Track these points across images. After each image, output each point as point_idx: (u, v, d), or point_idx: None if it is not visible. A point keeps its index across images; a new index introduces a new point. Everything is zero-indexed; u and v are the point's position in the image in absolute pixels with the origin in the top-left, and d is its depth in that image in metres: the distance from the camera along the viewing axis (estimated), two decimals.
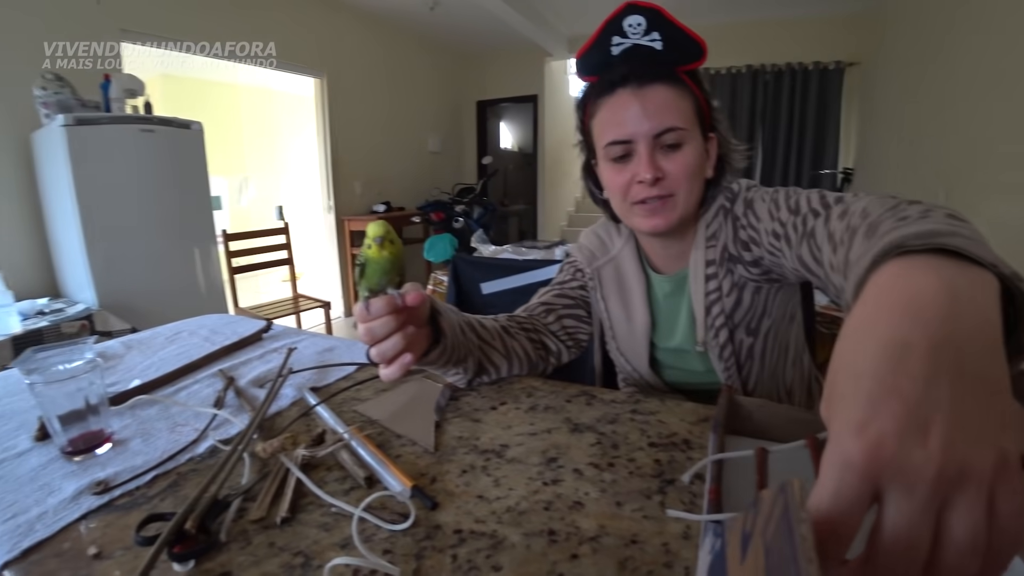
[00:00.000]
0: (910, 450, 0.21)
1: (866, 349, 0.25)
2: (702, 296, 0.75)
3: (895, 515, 0.21)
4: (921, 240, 0.32)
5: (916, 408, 0.22)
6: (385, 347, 0.56)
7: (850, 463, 0.22)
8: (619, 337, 0.85)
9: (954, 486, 0.21)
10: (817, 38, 4.67)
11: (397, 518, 0.47)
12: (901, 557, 0.21)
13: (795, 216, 0.62)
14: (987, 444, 0.21)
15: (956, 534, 0.21)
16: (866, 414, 0.23)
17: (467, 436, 0.61)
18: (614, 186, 0.73)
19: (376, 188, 4.63)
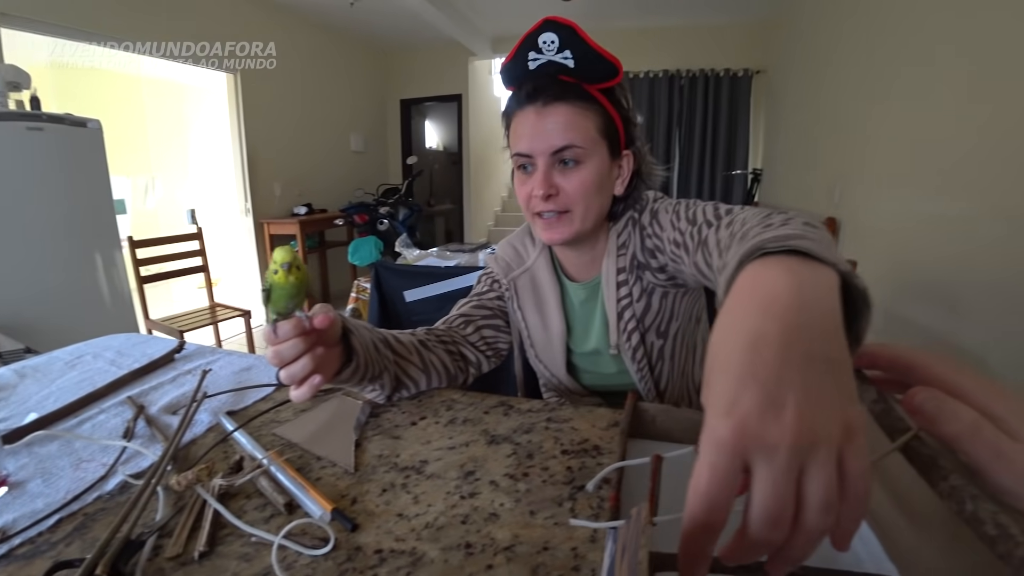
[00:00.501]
0: (768, 425, 0.25)
1: (730, 342, 0.29)
2: (614, 302, 0.80)
3: (762, 483, 0.25)
4: (777, 243, 0.37)
5: (772, 389, 0.26)
6: (294, 369, 0.57)
7: (720, 442, 0.25)
8: (537, 345, 0.88)
9: (808, 452, 0.25)
10: (729, 46, 4.96)
11: (318, 543, 0.48)
12: (771, 521, 0.25)
13: (692, 226, 0.68)
14: (834, 414, 0.26)
15: (812, 496, 0.25)
16: (731, 399, 0.26)
17: (387, 454, 0.63)
18: (519, 196, 0.78)
19: (296, 189, 4.48)
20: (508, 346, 0.92)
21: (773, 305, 0.30)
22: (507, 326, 0.91)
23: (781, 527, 0.25)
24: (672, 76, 5.11)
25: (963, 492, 0.26)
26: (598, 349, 0.85)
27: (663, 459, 0.43)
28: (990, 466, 0.28)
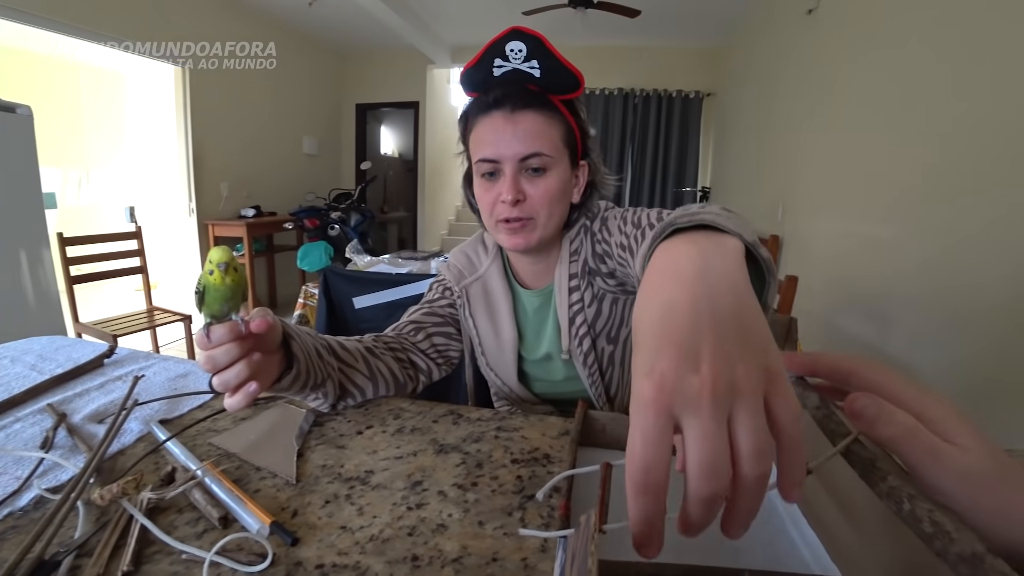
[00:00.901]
0: (686, 378, 0.26)
1: (646, 314, 0.31)
2: (566, 307, 0.81)
3: (692, 436, 0.25)
4: (687, 219, 0.40)
5: (686, 348, 0.27)
6: (228, 376, 0.54)
7: (644, 402, 0.26)
8: (488, 353, 0.88)
9: (730, 399, 0.26)
10: (682, 68, 5.15)
11: (255, 559, 0.46)
12: (708, 472, 0.25)
13: (637, 229, 0.71)
14: (750, 363, 0.27)
15: (743, 442, 0.25)
16: (650, 362, 0.27)
17: (331, 464, 0.60)
18: (483, 201, 0.78)
19: (244, 191, 4.33)
20: (459, 354, 0.91)
21: (681, 276, 0.32)
22: (458, 334, 0.90)
23: (719, 477, 0.25)
24: (627, 94, 5.25)
25: (901, 492, 0.27)
26: (550, 354, 0.85)
27: (612, 467, 0.43)
28: (926, 467, 0.30)
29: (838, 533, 0.46)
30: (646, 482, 0.25)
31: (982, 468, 0.29)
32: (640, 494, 0.26)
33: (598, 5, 3.66)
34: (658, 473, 0.25)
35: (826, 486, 0.49)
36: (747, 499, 0.26)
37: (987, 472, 0.29)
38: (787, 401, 0.27)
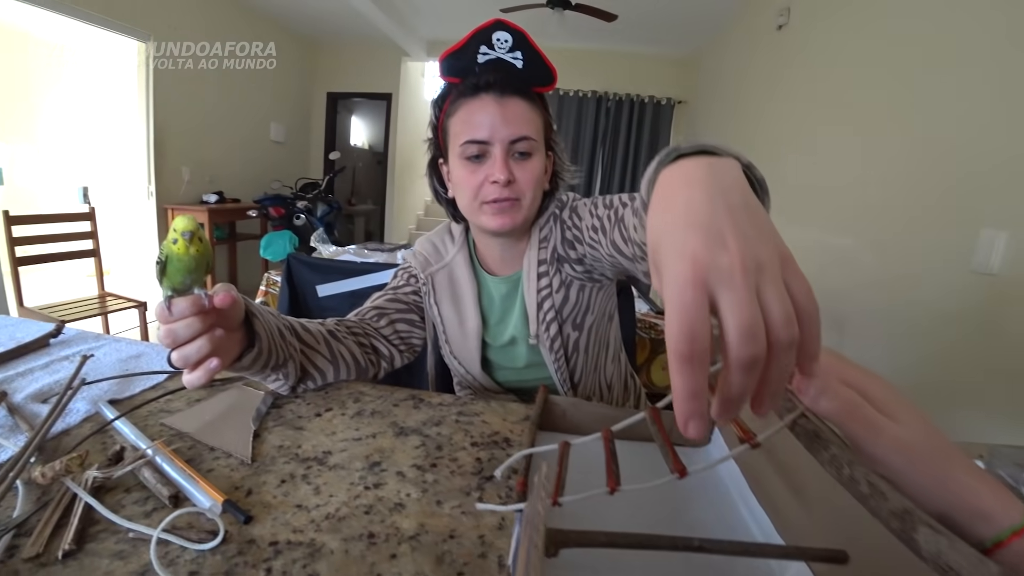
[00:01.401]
0: (717, 255, 0.28)
1: (667, 219, 0.32)
2: (534, 292, 0.82)
3: (729, 304, 0.27)
4: (688, 146, 0.42)
5: (711, 230, 0.29)
6: (188, 351, 0.53)
7: (682, 278, 0.27)
8: (452, 340, 0.88)
9: (757, 273, 0.27)
10: (655, 75, 5.24)
11: (206, 536, 0.45)
12: (748, 335, 0.26)
13: (609, 209, 0.72)
14: (767, 245, 0.29)
15: (773, 310, 0.27)
16: (680, 247, 0.29)
17: (288, 445, 0.60)
18: (467, 184, 0.77)
19: (207, 176, 4.20)
20: (422, 342, 0.91)
21: (692, 180, 0.34)
22: (421, 321, 0.90)
23: (758, 339, 0.26)
24: (600, 97, 5.31)
25: (841, 459, 0.28)
26: (515, 338, 0.86)
27: (571, 445, 0.43)
28: (866, 439, 0.32)
29: (783, 506, 0.48)
30: (692, 351, 0.26)
31: (918, 442, 0.31)
32: (686, 364, 0.26)
33: (576, 7, 3.68)
34: (703, 341, 0.26)
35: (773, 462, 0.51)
36: (779, 366, 0.27)
37: (922, 445, 0.31)
38: (801, 279, 0.29)
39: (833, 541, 0.38)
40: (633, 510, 0.51)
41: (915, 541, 0.23)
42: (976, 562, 0.20)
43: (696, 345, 0.26)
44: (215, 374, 0.55)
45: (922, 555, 0.23)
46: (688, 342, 0.26)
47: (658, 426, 0.39)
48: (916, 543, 0.23)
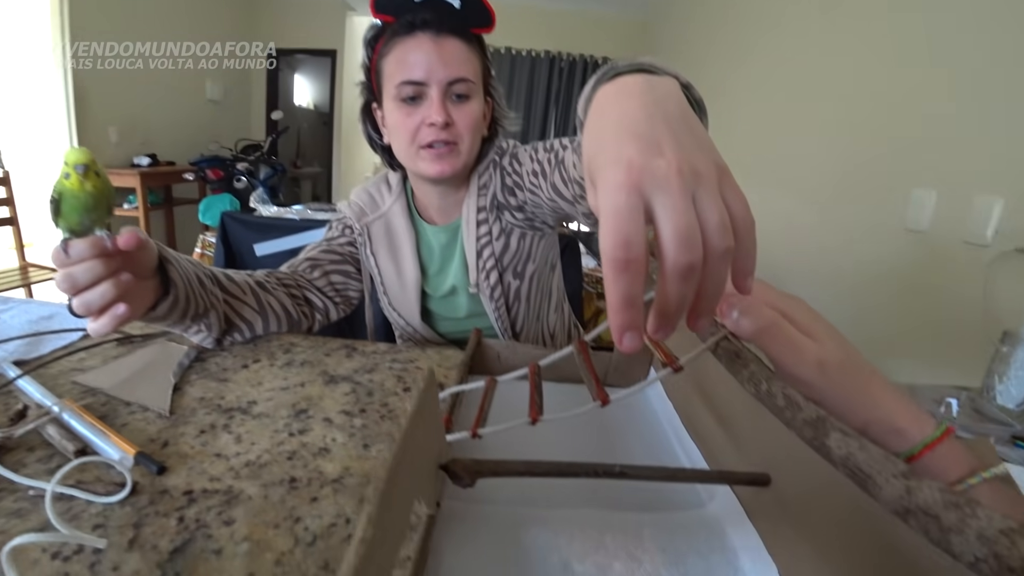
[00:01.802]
0: (653, 160, 0.26)
1: (602, 131, 0.31)
2: (474, 240, 0.80)
3: (665, 210, 0.26)
4: (626, 64, 0.41)
5: (647, 138, 0.28)
6: (90, 297, 0.49)
7: (615, 185, 0.26)
8: (390, 292, 0.86)
9: (694, 180, 0.27)
10: (609, 36, 5.16)
11: (115, 489, 0.42)
12: (684, 242, 0.25)
13: (549, 153, 0.71)
14: (705, 154, 0.28)
15: (709, 218, 0.26)
16: (615, 155, 0.28)
17: (210, 396, 0.57)
18: (403, 128, 0.74)
19: (137, 136, 3.93)
20: (359, 294, 0.88)
21: (629, 92, 0.33)
22: (358, 273, 0.87)
23: (695, 245, 0.26)
24: (554, 57, 5.21)
25: (759, 375, 0.28)
26: (455, 287, 0.85)
27: (497, 381, 0.42)
28: (787, 358, 0.32)
29: (715, 441, 0.49)
30: (627, 258, 0.25)
31: (836, 359, 0.32)
32: (621, 272, 0.25)
33: None
34: (637, 247, 0.25)
35: (704, 397, 0.51)
36: (714, 277, 0.27)
37: (840, 363, 0.32)
38: (737, 192, 0.28)
39: (758, 468, 0.39)
40: (562, 449, 0.51)
41: (827, 447, 0.23)
42: (883, 460, 0.20)
43: (631, 252, 0.25)
44: (123, 322, 0.51)
45: (833, 459, 0.23)
46: (623, 248, 0.25)
47: (584, 356, 0.39)
48: (828, 448, 0.23)
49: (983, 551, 0.15)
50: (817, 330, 0.33)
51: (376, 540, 0.15)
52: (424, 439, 0.23)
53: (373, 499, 0.15)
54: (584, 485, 0.46)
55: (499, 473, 0.33)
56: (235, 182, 3.75)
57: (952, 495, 0.17)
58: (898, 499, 0.19)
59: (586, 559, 0.37)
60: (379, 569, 0.15)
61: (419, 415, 0.21)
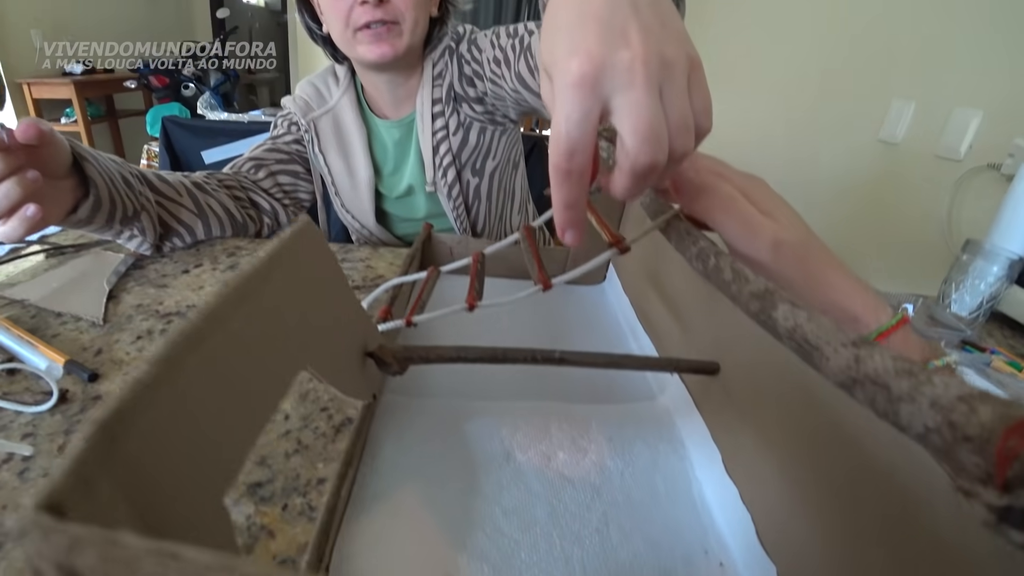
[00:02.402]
0: (616, 51, 0.24)
1: (561, 16, 0.27)
2: (430, 135, 0.75)
3: (629, 106, 0.24)
4: None
5: (610, 24, 0.24)
6: None
7: (570, 82, 0.24)
8: (342, 193, 0.81)
9: (661, 71, 0.24)
10: None
11: (43, 398, 0.40)
12: (652, 143, 0.24)
13: (513, 39, 0.65)
14: (676, 43, 0.25)
15: (674, 116, 0.24)
16: (573, 44, 0.24)
17: (148, 303, 0.54)
18: (336, 11, 0.66)
19: (66, 41, 3.57)
20: (310, 197, 0.83)
21: None
22: (307, 173, 0.82)
23: (660, 145, 0.24)
24: None
25: (708, 251, 0.27)
26: (412, 187, 0.80)
27: (440, 272, 0.40)
28: (742, 236, 0.30)
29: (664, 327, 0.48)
30: (569, 168, 0.24)
31: (793, 239, 0.30)
32: (564, 180, 0.25)
33: None
34: (583, 156, 0.24)
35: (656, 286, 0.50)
36: (667, 173, 0.26)
37: (797, 243, 0.30)
38: (705, 92, 0.26)
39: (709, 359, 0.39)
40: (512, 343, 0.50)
41: (773, 320, 0.22)
42: (832, 330, 0.18)
43: (574, 162, 0.24)
44: (37, 224, 0.47)
45: (779, 333, 0.21)
46: (567, 157, 0.24)
47: (528, 242, 0.37)
48: (774, 321, 0.22)
49: (936, 419, 0.14)
50: (776, 209, 0.31)
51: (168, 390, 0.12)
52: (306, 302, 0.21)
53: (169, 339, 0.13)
54: (532, 379, 0.45)
55: (430, 359, 0.32)
56: (183, 90, 3.48)
57: (906, 362, 0.16)
58: (845, 369, 0.17)
59: (529, 449, 0.37)
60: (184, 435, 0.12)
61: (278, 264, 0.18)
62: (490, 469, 0.35)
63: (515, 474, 0.35)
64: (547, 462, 0.36)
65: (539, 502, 0.34)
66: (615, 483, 0.36)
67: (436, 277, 0.40)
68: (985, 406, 0.12)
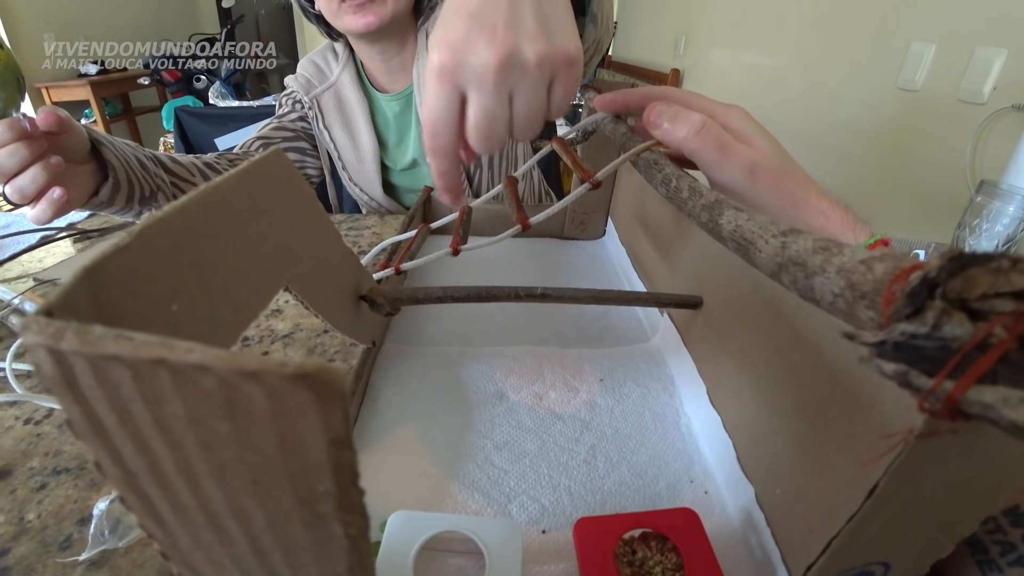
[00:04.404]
0: (475, 50, 0.26)
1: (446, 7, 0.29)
2: None
3: (473, 108, 0.27)
4: None
5: (480, 18, 0.26)
6: (22, 182, 0.47)
7: (432, 70, 0.27)
8: (349, 167, 0.83)
9: (513, 76, 0.26)
10: None
11: None
12: (484, 138, 0.28)
13: None
14: (542, 42, 0.26)
15: (519, 112, 0.28)
16: (441, 34, 0.27)
17: None
18: None
19: (78, 42, 3.61)
20: (317, 172, 0.85)
21: None
22: (313, 150, 0.83)
23: (493, 142, 0.28)
24: None
25: (671, 175, 0.28)
26: (416, 160, 0.81)
27: (430, 228, 0.42)
28: (717, 162, 0.30)
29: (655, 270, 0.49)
30: (434, 146, 0.29)
31: (768, 163, 0.30)
32: (432, 155, 0.29)
33: None
34: (445, 137, 0.28)
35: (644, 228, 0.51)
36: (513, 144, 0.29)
37: (772, 167, 0.30)
38: (569, 90, 0.28)
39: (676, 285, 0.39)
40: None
41: (719, 226, 0.22)
42: (767, 224, 0.19)
43: (438, 140, 0.28)
44: (63, 207, 0.50)
45: (723, 236, 0.22)
46: (431, 136, 0.28)
47: (509, 190, 0.38)
48: (720, 227, 0.22)
49: (840, 284, 0.15)
50: (753, 135, 0.32)
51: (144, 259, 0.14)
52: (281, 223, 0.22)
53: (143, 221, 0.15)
54: (527, 326, 0.46)
55: (419, 299, 0.33)
56: (195, 82, 3.53)
57: (823, 241, 0.17)
58: (774, 256, 0.18)
59: (522, 389, 0.39)
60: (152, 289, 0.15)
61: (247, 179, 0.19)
62: (483, 408, 0.37)
63: (507, 412, 0.37)
64: (539, 401, 0.38)
65: (529, 436, 0.35)
66: (604, 419, 0.37)
67: (426, 232, 0.41)
68: (881, 264, 0.13)
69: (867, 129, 1.53)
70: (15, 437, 0.37)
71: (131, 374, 0.09)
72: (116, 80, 3.59)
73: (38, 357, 0.10)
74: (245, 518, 0.11)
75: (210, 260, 0.17)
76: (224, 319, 0.17)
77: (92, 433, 0.11)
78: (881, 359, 0.12)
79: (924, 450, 0.16)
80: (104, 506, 0.29)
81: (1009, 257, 0.10)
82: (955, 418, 0.10)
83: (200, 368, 0.08)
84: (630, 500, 0.32)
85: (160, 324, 0.15)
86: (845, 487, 0.21)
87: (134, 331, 0.09)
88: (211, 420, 0.09)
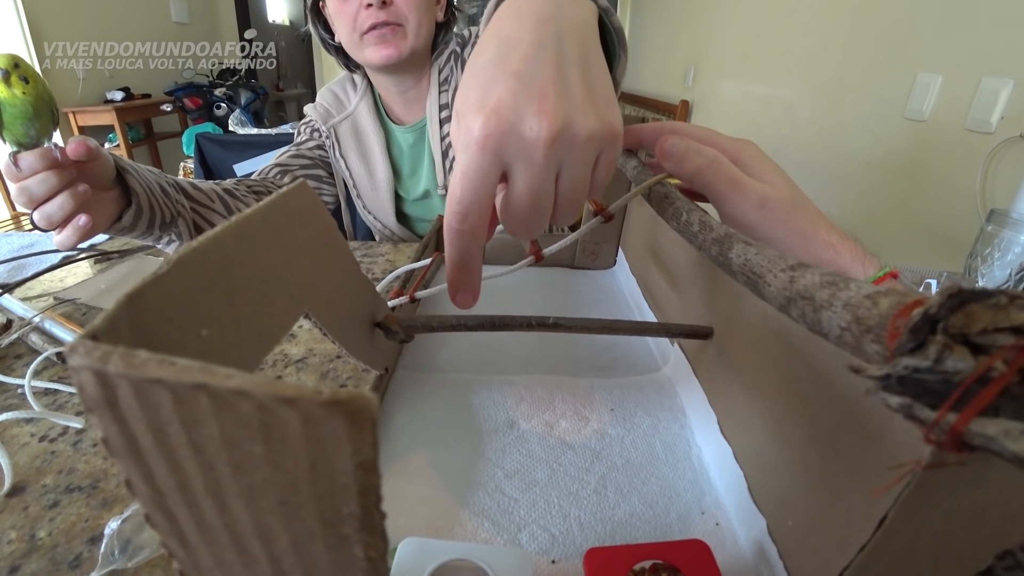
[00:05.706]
0: (524, 119, 0.22)
1: (482, 57, 0.26)
2: (439, 140, 0.78)
3: (519, 187, 0.24)
4: None
5: (528, 80, 0.23)
6: (50, 209, 0.48)
7: (472, 138, 0.23)
8: (364, 195, 0.84)
9: (563, 152, 0.23)
10: None
11: None
12: (527, 227, 0.25)
13: None
14: (591, 113, 0.24)
15: (564, 190, 0.24)
16: (484, 95, 0.23)
17: None
18: (343, 16, 0.70)
19: (106, 70, 3.75)
20: (334, 199, 0.87)
21: (525, 15, 0.26)
22: (330, 177, 0.85)
23: (538, 217, 0.24)
24: None
25: (682, 208, 0.28)
26: (428, 191, 0.83)
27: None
28: (728, 196, 0.31)
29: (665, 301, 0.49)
30: (462, 229, 0.24)
31: (779, 197, 0.31)
32: (456, 240, 0.24)
33: None
34: (475, 218, 0.23)
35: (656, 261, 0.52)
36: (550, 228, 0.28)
37: (783, 201, 0.31)
38: (610, 167, 0.26)
39: (690, 318, 0.40)
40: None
41: (729, 259, 0.23)
42: (776, 259, 0.20)
43: (467, 223, 0.23)
44: (88, 232, 0.51)
45: (733, 270, 0.22)
46: (460, 218, 0.23)
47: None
48: (730, 261, 0.23)
49: (846, 319, 0.15)
50: (764, 170, 0.33)
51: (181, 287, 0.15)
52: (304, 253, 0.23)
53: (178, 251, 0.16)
54: (538, 355, 0.47)
55: (432, 327, 0.34)
56: (215, 110, 3.63)
57: (831, 275, 0.17)
58: (783, 290, 0.19)
59: (532, 418, 0.39)
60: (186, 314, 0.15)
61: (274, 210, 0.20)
62: (494, 436, 0.37)
63: (518, 440, 0.37)
64: (549, 430, 0.38)
65: (539, 465, 0.35)
66: (615, 448, 0.37)
67: (440, 260, 0.42)
68: (886, 299, 0.14)
69: (876, 159, 1.54)
70: (30, 454, 0.37)
71: (172, 397, 0.10)
72: (140, 106, 3.70)
73: (82, 378, 0.11)
74: (269, 538, 0.12)
75: (238, 287, 0.18)
76: (249, 344, 0.18)
77: (127, 452, 0.12)
78: (886, 392, 0.12)
79: (933, 480, 0.16)
80: (115, 525, 0.29)
81: (1007, 293, 0.11)
82: (960, 449, 0.11)
83: (240, 393, 0.09)
84: (640, 531, 0.32)
85: (191, 348, 0.16)
86: (857, 519, 0.21)
87: (170, 355, 0.10)
88: (246, 442, 0.10)
